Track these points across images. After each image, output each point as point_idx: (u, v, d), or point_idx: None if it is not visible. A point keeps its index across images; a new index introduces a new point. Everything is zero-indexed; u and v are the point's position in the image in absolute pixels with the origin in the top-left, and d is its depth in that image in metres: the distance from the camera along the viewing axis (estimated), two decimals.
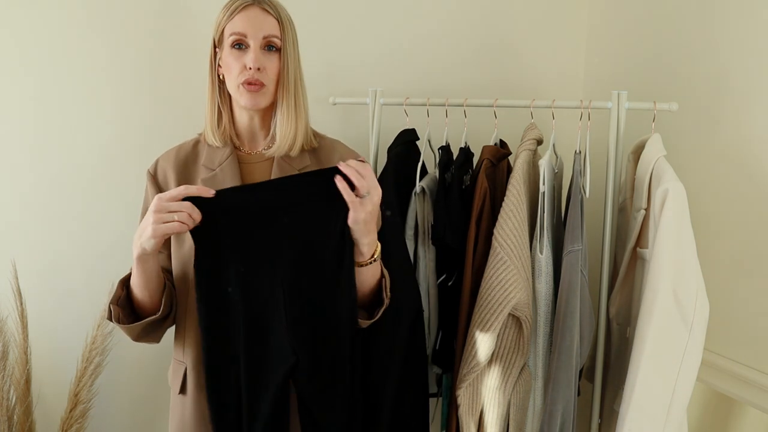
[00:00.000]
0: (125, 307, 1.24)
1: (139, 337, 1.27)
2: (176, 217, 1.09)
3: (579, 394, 1.59)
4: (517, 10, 1.96)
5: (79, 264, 1.78)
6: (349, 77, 1.88)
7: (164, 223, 1.09)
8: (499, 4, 1.95)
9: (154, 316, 1.23)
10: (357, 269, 1.21)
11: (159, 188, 1.32)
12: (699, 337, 1.35)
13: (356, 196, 1.13)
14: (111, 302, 1.23)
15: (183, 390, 1.30)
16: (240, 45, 1.23)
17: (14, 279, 1.67)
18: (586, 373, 1.73)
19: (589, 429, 1.68)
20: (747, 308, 1.50)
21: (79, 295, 1.78)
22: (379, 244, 1.23)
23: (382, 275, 1.27)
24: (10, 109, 1.70)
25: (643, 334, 1.36)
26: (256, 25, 1.23)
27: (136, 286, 1.21)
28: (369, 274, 1.23)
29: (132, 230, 1.44)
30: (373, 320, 1.27)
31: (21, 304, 1.66)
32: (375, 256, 1.22)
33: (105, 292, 1.75)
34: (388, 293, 1.28)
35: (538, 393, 1.55)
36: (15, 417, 1.66)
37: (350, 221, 1.15)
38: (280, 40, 1.25)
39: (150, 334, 1.28)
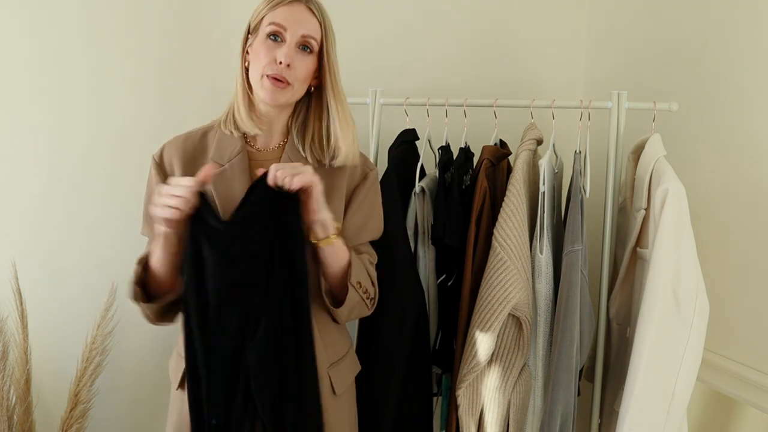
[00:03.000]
0: (144, 286, 1.24)
1: (158, 318, 1.25)
2: (172, 203, 1.09)
3: (579, 394, 1.58)
4: (518, 10, 1.96)
5: (79, 264, 1.78)
6: (349, 77, 1.87)
7: (161, 207, 1.10)
8: (499, 4, 1.95)
9: (172, 296, 1.22)
10: (321, 249, 1.20)
11: (164, 174, 1.30)
12: (699, 337, 1.35)
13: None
14: (135, 282, 1.22)
15: (183, 385, 1.30)
16: (276, 37, 1.21)
17: (14, 279, 1.67)
18: (586, 373, 1.73)
19: (589, 429, 1.68)
20: (747, 308, 1.50)
21: (79, 295, 1.79)
22: (335, 224, 1.21)
23: (350, 264, 1.24)
24: (10, 110, 1.70)
25: (643, 334, 1.36)
26: (298, 21, 1.21)
27: (157, 261, 1.19)
28: (335, 256, 1.21)
29: (132, 230, 1.45)
30: (339, 308, 1.25)
31: (21, 304, 1.66)
32: (329, 234, 1.19)
33: (105, 292, 1.75)
34: (356, 282, 1.25)
35: (538, 393, 1.55)
36: (15, 417, 1.66)
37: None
38: (318, 42, 1.23)
39: (169, 313, 1.27)
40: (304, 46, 1.23)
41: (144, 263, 1.24)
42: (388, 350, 1.48)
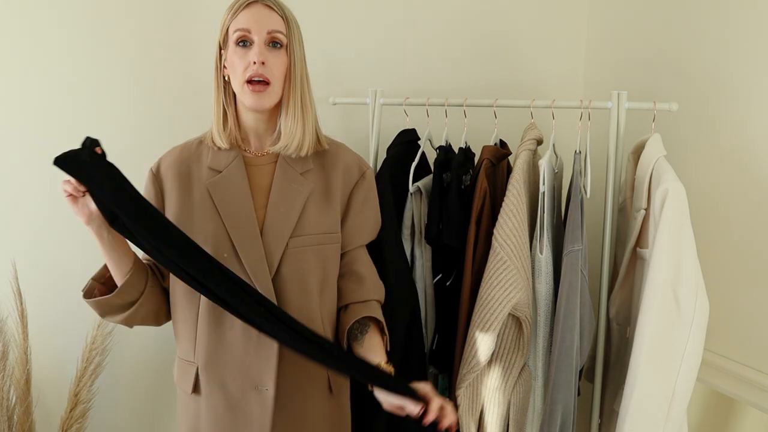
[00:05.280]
0: (110, 287, 1.28)
1: (104, 314, 1.29)
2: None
3: (579, 394, 1.59)
4: (518, 9, 1.96)
5: (79, 264, 1.78)
6: (349, 77, 1.88)
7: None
8: (499, 3, 1.94)
9: (106, 296, 1.25)
10: None
11: (159, 187, 1.32)
12: (699, 337, 1.35)
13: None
14: (92, 277, 1.28)
15: (196, 389, 1.30)
16: (245, 42, 1.23)
17: (14, 279, 1.67)
18: (586, 373, 1.73)
19: (589, 429, 1.68)
20: (747, 308, 1.50)
21: (79, 295, 1.77)
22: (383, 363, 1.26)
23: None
24: (11, 109, 1.70)
25: (643, 334, 1.36)
26: (260, 20, 1.22)
27: (107, 264, 1.26)
28: None
29: None
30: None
31: (21, 304, 1.66)
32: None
33: None
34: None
35: (538, 393, 1.55)
36: (15, 417, 1.66)
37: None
38: (285, 36, 1.25)
39: (116, 314, 1.29)
40: (273, 43, 1.24)
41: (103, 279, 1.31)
42: None
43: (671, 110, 1.53)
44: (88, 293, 1.28)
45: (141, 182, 1.71)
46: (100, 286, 1.29)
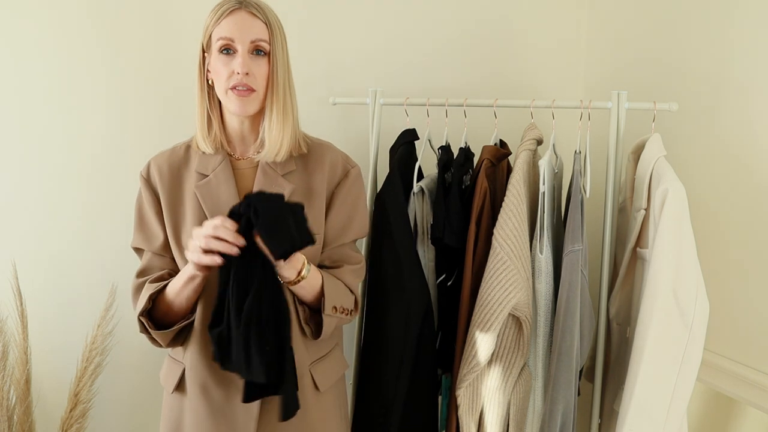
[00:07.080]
0: (150, 318, 1.27)
1: (171, 343, 1.29)
2: (216, 247, 1.09)
3: (579, 394, 1.59)
4: (518, 10, 1.96)
5: (79, 264, 1.78)
6: (349, 77, 1.88)
7: (200, 252, 1.10)
8: (499, 4, 1.95)
9: (186, 321, 1.25)
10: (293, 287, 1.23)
11: (154, 190, 1.32)
12: (699, 337, 1.35)
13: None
14: (140, 315, 1.24)
15: (180, 388, 1.30)
16: (228, 50, 1.22)
17: (14, 279, 1.67)
18: (586, 373, 1.73)
19: (589, 429, 1.68)
20: (747, 308, 1.51)
21: (79, 295, 1.79)
22: (305, 262, 1.22)
23: (323, 293, 1.26)
24: (11, 110, 1.70)
25: (643, 334, 1.36)
26: (243, 29, 1.21)
27: (176, 294, 1.21)
28: (304, 291, 1.24)
29: (132, 230, 1.44)
30: (319, 338, 1.28)
31: (21, 304, 1.66)
32: (302, 274, 1.21)
33: (105, 292, 1.75)
34: (331, 308, 1.27)
35: (538, 393, 1.55)
36: (15, 417, 1.66)
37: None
38: (269, 44, 1.23)
39: (180, 336, 1.30)
40: (257, 51, 1.23)
41: (153, 299, 1.26)
42: (396, 352, 1.48)
43: (671, 110, 1.53)
44: (149, 328, 1.26)
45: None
46: (146, 319, 1.26)
